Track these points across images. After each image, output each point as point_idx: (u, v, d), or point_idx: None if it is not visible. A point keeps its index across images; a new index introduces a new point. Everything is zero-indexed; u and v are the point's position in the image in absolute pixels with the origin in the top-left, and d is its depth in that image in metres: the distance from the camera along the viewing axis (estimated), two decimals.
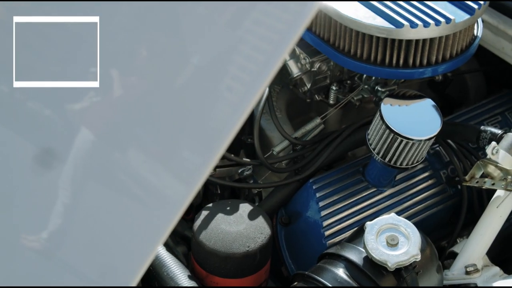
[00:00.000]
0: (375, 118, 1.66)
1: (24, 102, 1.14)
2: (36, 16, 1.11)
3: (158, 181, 1.03)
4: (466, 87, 2.22)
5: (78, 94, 1.10)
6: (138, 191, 1.05)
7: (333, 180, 1.77)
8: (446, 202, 1.86)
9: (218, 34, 1.03)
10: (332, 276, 1.45)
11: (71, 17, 1.10)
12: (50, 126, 1.14)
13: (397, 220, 1.47)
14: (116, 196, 1.06)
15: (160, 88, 1.06)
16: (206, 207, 1.65)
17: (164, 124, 1.05)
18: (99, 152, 1.11)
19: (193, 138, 1.03)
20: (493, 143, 1.61)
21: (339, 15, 1.69)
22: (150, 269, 1.57)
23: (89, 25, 1.08)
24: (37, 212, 1.14)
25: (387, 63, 1.71)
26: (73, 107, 1.14)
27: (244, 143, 1.81)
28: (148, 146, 1.05)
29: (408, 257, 1.42)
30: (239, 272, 1.59)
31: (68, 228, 1.12)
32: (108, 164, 1.09)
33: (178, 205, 0.97)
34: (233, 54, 1.00)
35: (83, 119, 1.12)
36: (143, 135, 1.08)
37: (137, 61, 1.10)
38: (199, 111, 1.01)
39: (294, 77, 1.86)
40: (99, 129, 1.12)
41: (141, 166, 1.05)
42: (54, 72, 1.11)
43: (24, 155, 1.14)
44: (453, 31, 1.67)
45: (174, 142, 1.05)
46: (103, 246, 1.08)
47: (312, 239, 1.73)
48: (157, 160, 1.03)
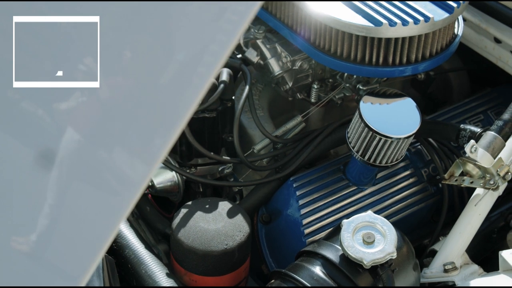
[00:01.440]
0: (355, 117, 1.66)
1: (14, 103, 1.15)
2: (36, 16, 1.12)
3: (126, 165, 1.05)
4: (449, 85, 2.22)
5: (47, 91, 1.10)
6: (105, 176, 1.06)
7: (313, 178, 1.78)
8: (427, 200, 1.86)
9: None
10: (309, 274, 1.45)
11: (71, 17, 1.10)
12: (40, 127, 1.15)
13: (373, 218, 1.47)
14: (80, 182, 1.08)
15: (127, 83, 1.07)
16: (185, 205, 1.65)
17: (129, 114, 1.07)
18: (84, 151, 1.11)
19: (153, 123, 1.04)
20: (471, 142, 1.61)
21: (319, 13, 1.69)
22: (129, 267, 1.57)
23: (89, 25, 1.08)
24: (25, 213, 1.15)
25: (367, 62, 1.71)
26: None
27: (225, 141, 1.81)
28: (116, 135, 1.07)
29: (384, 255, 1.42)
30: (218, 270, 1.59)
31: (50, 226, 1.13)
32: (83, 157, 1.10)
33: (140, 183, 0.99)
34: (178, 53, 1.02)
35: (69, 118, 1.13)
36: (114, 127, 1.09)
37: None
38: (157, 102, 1.02)
39: (275, 76, 1.86)
40: (84, 130, 1.12)
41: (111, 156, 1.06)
42: (53, 72, 1.11)
43: (16, 157, 1.15)
44: (432, 30, 1.68)
45: (138, 128, 1.06)
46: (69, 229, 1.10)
47: (292, 237, 1.73)
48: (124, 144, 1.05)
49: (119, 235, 1.62)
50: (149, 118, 1.05)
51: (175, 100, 1.00)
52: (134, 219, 1.89)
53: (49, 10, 1.11)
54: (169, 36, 1.03)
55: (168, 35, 1.03)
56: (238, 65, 1.82)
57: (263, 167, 1.78)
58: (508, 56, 1.97)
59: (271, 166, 1.78)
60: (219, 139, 1.82)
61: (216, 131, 1.79)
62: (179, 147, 1.80)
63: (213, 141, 1.81)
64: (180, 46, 1.02)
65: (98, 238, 1.06)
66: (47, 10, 1.11)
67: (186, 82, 1.00)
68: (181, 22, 1.02)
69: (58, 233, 1.11)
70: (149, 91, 1.04)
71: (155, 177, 1.79)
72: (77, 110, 1.14)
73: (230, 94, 1.78)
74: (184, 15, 1.02)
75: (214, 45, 0.97)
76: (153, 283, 1.53)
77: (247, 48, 1.91)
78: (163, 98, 1.02)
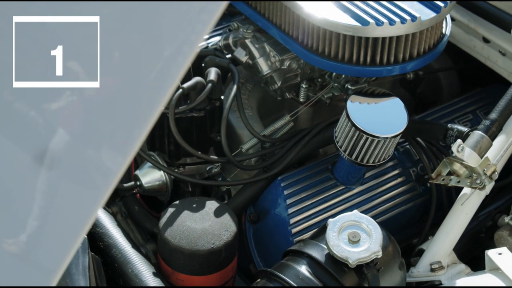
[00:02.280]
0: (342, 116, 1.66)
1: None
2: (36, 16, 1.12)
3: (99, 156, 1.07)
4: (439, 85, 2.23)
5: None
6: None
7: (301, 178, 1.78)
8: (416, 200, 1.86)
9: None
10: (294, 273, 1.46)
11: (71, 17, 1.11)
12: (31, 129, 1.15)
13: (359, 217, 1.48)
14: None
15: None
16: (172, 204, 1.65)
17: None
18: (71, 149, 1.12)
19: (126, 115, 1.06)
20: (458, 141, 1.61)
21: (306, 13, 1.69)
22: (116, 266, 1.57)
23: (89, 25, 1.08)
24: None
25: (354, 61, 1.72)
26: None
27: (214, 141, 1.81)
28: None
29: (369, 254, 1.42)
30: (204, 269, 1.59)
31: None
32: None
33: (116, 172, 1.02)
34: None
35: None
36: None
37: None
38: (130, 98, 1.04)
39: (264, 75, 1.86)
40: (73, 129, 1.13)
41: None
42: (53, 72, 1.12)
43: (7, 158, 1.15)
44: (419, 29, 1.68)
45: (112, 122, 1.08)
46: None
47: (280, 236, 1.73)
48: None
49: (106, 235, 1.62)
50: (121, 112, 1.06)
51: (146, 96, 1.02)
52: (123, 218, 1.89)
53: (49, 10, 1.11)
54: (139, 34, 1.04)
55: (139, 34, 1.04)
56: (227, 64, 1.82)
57: (250, 166, 1.78)
58: (496, 56, 1.98)
59: (259, 165, 1.78)
60: (208, 138, 1.82)
61: (204, 131, 1.79)
62: (167, 146, 1.80)
63: (202, 140, 1.81)
64: (150, 45, 1.04)
65: (74, 229, 1.07)
66: (47, 10, 1.11)
67: (156, 79, 1.01)
68: (151, 22, 1.03)
69: (37, 228, 1.11)
70: (121, 86, 1.05)
71: (143, 176, 1.79)
72: (62, 109, 1.15)
73: (218, 94, 1.78)
74: (156, 15, 1.03)
75: (184, 45, 0.98)
76: (140, 282, 1.54)
77: (236, 47, 1.91)
78: (135, 93, 1.03)
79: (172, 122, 1.67)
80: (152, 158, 1.78)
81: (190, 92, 1.72)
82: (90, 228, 1.62)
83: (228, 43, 1.94)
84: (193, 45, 0.97)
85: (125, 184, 1.82)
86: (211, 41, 2.13)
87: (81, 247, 1.49)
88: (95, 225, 1.63)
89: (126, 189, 1.81)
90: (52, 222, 1.14)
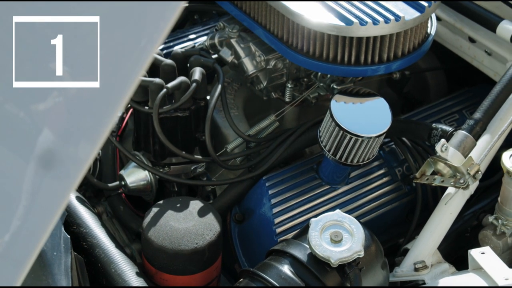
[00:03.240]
0: (326, 116, 1.66)
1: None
2: (36, 16, 1.12)
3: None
4: (426, 85, 2.23)
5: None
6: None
7: (286, 178, 1.78)
8: (401, 199, 1.86)
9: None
10: (277, 273, 1.45)
11: (71, 17, 1.11)
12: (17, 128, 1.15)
13: (341, 217, 1.47)
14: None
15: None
16: (156, 204, 1.65)
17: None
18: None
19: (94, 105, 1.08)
20: (442, 141, 1.61)
21: (291, 12, 1.69)
22: (99, 266, 1.57)
23: (89, 25, 1.08)
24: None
25: (339, 61, 1.72)
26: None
27: (199, 141, 1.81)
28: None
29: (351, 254, 1.42)
30: (188, 269, 1.58)
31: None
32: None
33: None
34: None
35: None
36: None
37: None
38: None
39: (249, 75, 1.86)
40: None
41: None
42: (52, 72, 1.12)
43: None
44: (404, 29, 1.68)
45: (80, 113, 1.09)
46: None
47: (264, 236, 1.73)
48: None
49: (90, 235, 1.61)
50: (87, 105, 1.07)
51: (111, 89, 1.04)
52: (108, 218, 1.89)
53: (49, 10, 1.11)
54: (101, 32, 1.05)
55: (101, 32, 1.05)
56: (212, 64, 1.82)
57: (235, 166, 1.78)
58: (482, 55, 1.98)
59: (243, 165, 1.78)
60: (193, 138, 1.81)
61: (189, 130, 1.79)
62: (152, 146, 1.80)
63: (187, 140, 1.81)
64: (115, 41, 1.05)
65: (44, 219, 1.08)
66: (47, 10, 1.11)
67: (121, 73, 1.03)
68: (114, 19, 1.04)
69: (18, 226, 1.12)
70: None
71: (128, 176, 1.78)
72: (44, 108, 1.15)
73: (203, 93, 1.78)
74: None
75: (145, 41, 0.99)
76: (123, 282, 1.53)
77: (222, 47, 1.91)
78: (100, 86, 1.05)
79: (156, 122, 1.67)
80: (137, 158, 1.77)
81: (174, 92, 1.72)
82: (74, 228, 1.63)
83: (214, 42, 1.94)
84: (154, 42, 0.98)
85: (110, 184, 1.82)
86: (198, 41, 2.13)
87: (63, 247, 1.49)
88: (79, 225, 1.62)
89: (111, 189, 1.81)
90: (25, 214, 1.14)
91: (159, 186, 1.84)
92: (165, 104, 1.72)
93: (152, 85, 1.70)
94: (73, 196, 1.68)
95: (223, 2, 1.91)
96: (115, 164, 1.86)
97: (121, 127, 1.90)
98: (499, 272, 1.48)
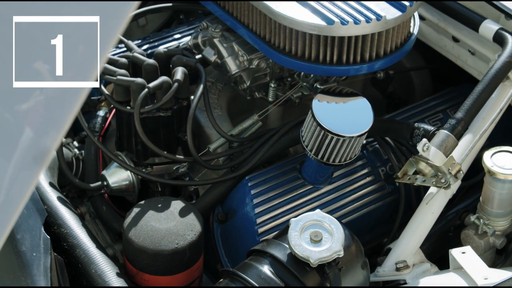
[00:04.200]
0: (308, 116, 1.66)
1: None
2: (36, 16, 1.12)
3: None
4: (411, 84, 2.23)
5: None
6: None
7: (269, 177, 1.77)
8: (385, 199, 1.86)
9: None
10: (257, 273, 1.45)
11: (71, 17, 1.11)
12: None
13: (321, 217, 1.47)
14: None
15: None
16: (137, 204, 1.64)
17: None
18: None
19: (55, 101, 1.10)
20: (423, 140, 1.61)
21: (273, 12, 1.69)
22: (79, 267, 1.56)
23: (89, 25, 1.08)
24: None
25: (321, 60, 1.71)
26: None
27: (181, 140, 1.81)
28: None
29: (330, 253, 1.42)
30: (169, 269, 1.58)
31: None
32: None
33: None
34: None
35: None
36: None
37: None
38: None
39: (232, 75, 1.86)
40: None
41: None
42: (52, 71, 1.12)
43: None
44: (385, 28, 1.68)
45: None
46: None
47: (247, 236, 1.73)
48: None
49: (71, 235, 1.61)
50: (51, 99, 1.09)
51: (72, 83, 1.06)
52: (91, 218, 1.88)
53: (49, 10, 1.11)
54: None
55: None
56: (194, 64, 1.81)
57: (217, 166, 1.78)
58: (466, 55, 1.98)
59: (226, 165, 1.78)
60: (175, 138, 1.81)
61: (172, 130, 1.79)
62: (134, 146, 1.79)
63: (169, 140, 1.80)
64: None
65: (13, 204, 1.10)
66: (47, 10, 1.11)
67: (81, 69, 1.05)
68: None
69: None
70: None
71: (110, 176, 1.78)
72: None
73: (185, 93, 1.77)
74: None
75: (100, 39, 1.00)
76: (103, 282, 1.52)
77: (205, 47, 1.91)
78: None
79: (137, 122, 1.67)
80: (119, 158, 1.77)
81: (156, 92, 1.71)
82: (55, 228, 1.62)
83: (197, 42, 1.93)
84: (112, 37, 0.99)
85: (92, 184, 1.81)
86: (182, 40, 2.13)
87: (43, 247, 1.49)
88: (60, 226, 1.62)
89: (92, 189, 1.81)
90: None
91: (143, 186, 1.84)
92: (147, 104, 1.71)
93: (134, 85, 1.69)
94: (55, 196, 1.67)
95: (207, 2, 1.91)
96: (98, 164, 1.85)
97: (104, 127, 1.89)
98: (479, 271, 1.48)
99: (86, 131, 1.77)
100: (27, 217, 1.55)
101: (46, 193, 1.67)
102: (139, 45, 2.09)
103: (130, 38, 2.16)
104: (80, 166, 1.90)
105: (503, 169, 1.63)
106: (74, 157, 1.90)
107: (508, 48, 1.74)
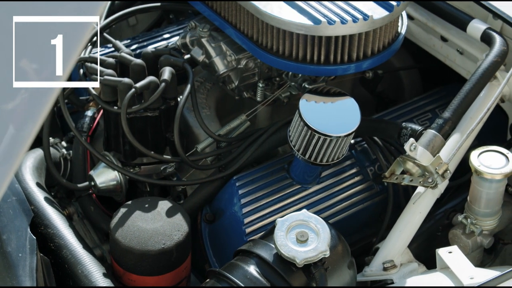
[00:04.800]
0: (295, 115, 1.66)
1: None
2: (36, 16, 1.12)
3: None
4: (401, 84, 2.23)
5: None
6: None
7: (257, 177, 1.77)
8: (373, 198, 1.86)
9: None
10: (243, 273, 1.45)
11: (71, 17, 1.10)
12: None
13: (307, 217, 1.47)
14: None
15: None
16: (124, 204, 1.64)
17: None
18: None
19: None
20: (411, 140, 1.61)
21: (260, 12, 1.69)
22: (66, 267, 1.56)
23: (89, 25, 1.09)
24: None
25: (309, 60, 1.71)
26: None
27: (169, 140, 1.80)
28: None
29: (316, 253, 1.42)
30: (156, 269, 1.58)
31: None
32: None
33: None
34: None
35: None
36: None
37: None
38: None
39: (220, 74, 1.86)
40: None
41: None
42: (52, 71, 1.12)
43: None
44: (372, 28, 1.68)
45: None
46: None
47: (234, 236, 1.73)
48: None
49: (58, 236, 1.60)
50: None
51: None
52: (79, 219, 1.88)
53: (49, 10, 1.11)
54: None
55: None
56: (181, 64, 1.81)
57: (205, 166, 1.77)
58: (455, 54, 1.98)
59: (213, 165, 1.77)
60: (163, 138, 1.81)
61: (159, 130, 1.78)
62: (122, 146, 1.79)
63: (157, 140, 1.80)
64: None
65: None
66: (47, 10, 1.11)
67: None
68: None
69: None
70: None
71: (97, 177, 1.77)
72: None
73: (173, 93, 1.77)
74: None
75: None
76: (90, 283, 1.52)
77: (193, 47, 1.91)
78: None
79: (124, 122, 1.66)
80: (107, 158, 1.76)
81: (144, 92, 1.71)
82: (42, 229, 1.62)
83: (185, 42, 1.93)
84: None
85: (80, 184, 1.81)
86: (171, 40, 2.12)
87: (29, 248, 1.48)
88: (47, 226, 1.62)
89: (80, 189, 1.80)
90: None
91: (131, 186, 1.84)
92: (134, 104, 1.71)
93: (121, 85, 1.69)
94: (42, 196, 1.67)
95: (195, 2, 1.91)
96: (85, 165, 1.85)
97: (92, 127, 1.89)
98: (465, 271, 1.48)
99: (73, 131, 1.77)
100: (13, 218, 1.55)
101: (33, 194, 1.67)
102: (128, 45, 2.08)
103: (120, 38, 2.17)
104: (68, 166, 1.89)
105: (490, 168, 1.63)
106: (62, 157, 1.89)
107: (495, 47, 1.75)
